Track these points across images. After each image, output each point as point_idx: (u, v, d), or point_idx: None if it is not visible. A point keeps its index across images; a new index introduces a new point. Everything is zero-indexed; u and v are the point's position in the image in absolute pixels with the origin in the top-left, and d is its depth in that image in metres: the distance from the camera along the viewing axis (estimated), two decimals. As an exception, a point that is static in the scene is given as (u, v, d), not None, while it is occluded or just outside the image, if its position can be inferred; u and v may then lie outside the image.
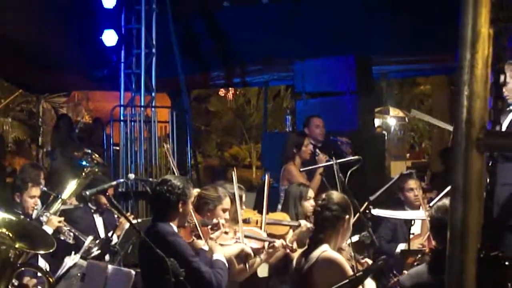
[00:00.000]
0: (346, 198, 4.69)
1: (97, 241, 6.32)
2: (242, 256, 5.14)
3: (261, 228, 5.91)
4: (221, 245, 5.21)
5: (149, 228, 4.77)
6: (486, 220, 1.88)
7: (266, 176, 6.35)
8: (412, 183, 7.18)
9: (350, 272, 4.25)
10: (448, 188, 3.92)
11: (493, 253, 1.95)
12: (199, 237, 5.13)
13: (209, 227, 5.24)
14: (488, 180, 1.92)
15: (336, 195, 4.67)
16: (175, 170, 6.35)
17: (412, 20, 9.90)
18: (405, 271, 5.50)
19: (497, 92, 1.86)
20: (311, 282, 4.36)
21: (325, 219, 4.51)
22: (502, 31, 1.86)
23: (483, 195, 1.84)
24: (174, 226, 4.74)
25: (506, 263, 1.96)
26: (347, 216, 4.53)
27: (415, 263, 5.45)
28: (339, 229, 4.50)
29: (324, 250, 4.38)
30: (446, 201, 4.31)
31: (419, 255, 5.48)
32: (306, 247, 4.67)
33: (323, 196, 4.69)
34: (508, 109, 5.36)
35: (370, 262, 5.45)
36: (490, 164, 1.95)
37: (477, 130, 1.75)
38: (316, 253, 4.39)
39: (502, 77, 1.86)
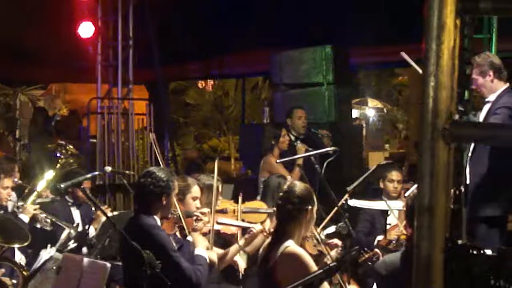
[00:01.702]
0: (308, 187, 4.58)
1: (74, 227, 6.29)
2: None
3: (237, 219, 5.92)
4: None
5: (131, 220, 4.76)
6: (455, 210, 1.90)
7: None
8: (395, 175, 7.20)
9: (315, 267, 4.21)
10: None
11: (460, 242, 1.97)
12: (182, 229, 5.12)
13: (194, 218, 5.23)
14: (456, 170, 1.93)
15: (298, 186, 4.54)
16: (159, 158, 6.25)
17: (388, 10, 9.93)
18: (376, 250, 5.54)
19: (463, 83, 1.87)
20: (275, 278, 4.32)
21: (287, 213, 4.42)
22: (468, 22, 1.86)
23: (450, 185, 1.85)
24: (157, 218, 4.71)
25: (474, 252, 1.98)
26: (309, 207, 4.44)
27: (391, 247, 5.48)
28: (302, 220, 4.41)
29: (287, 246, 4.32)
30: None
31: (394, 242, 5.51)
32: (270, 240, 4.62)
33: (285, 188, 4.60)
34: (485, 100, 5.44)
35: (339, 242, 5.43)
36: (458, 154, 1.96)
37: (443, 120, 1.76)
38: (279, 248, 4.33)
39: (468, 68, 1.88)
